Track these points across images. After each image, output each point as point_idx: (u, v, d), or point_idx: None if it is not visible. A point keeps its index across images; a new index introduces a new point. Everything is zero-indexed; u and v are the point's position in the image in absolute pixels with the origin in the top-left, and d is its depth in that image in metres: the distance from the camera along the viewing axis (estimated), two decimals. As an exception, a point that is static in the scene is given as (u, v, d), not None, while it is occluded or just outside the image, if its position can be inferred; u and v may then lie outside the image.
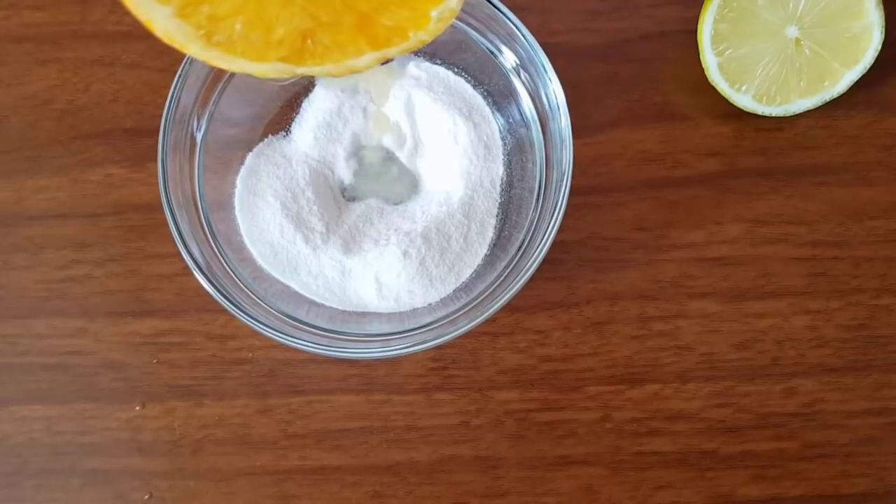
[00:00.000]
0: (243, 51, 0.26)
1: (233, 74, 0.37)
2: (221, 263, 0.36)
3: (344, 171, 0.39)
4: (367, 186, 0.40)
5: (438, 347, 0.39)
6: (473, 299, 0.36)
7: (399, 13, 0.28)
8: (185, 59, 0.35)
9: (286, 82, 0.39)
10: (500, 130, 0.39)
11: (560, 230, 0.34)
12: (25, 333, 0.41)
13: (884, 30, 0.40)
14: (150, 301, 0.41)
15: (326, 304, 0.37)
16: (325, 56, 0.27)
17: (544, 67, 0.35)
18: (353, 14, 0.27)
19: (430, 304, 0.37)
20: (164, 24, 0.25)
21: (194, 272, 0.34)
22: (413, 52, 0.39)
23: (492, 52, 0.38)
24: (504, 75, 0.38)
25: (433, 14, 0.28)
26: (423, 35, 0.28)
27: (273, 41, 0.27)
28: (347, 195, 0.39)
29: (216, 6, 0.26)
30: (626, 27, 0.44)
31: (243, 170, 0.38)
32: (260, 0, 0.26)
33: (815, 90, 0.42)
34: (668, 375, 0.41)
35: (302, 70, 0.27)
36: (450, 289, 0.38)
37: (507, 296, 0.34)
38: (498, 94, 0.39)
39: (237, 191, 0.38)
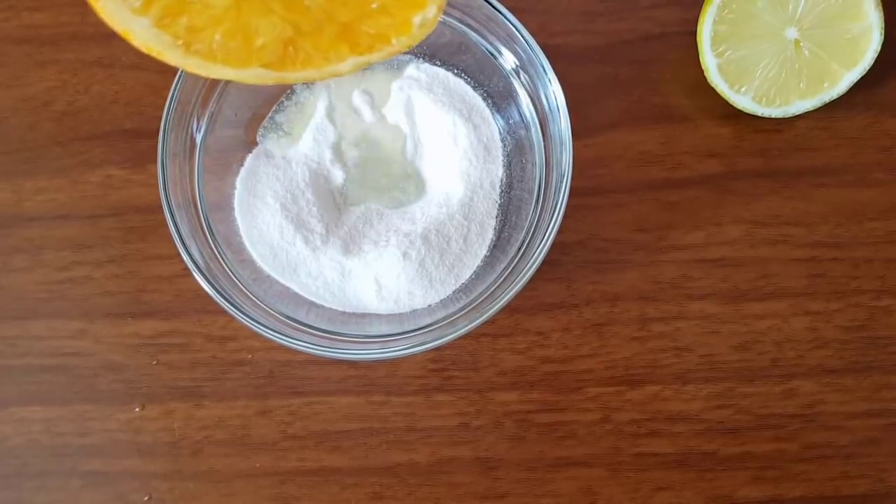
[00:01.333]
0: (224, 58, 0.26)
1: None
2: (221, 265, 0.36)
3: (343, 173, 0.39)
4: (366, 188, 0.39)
5: (438, 349, 0.39)
6: (473, 300, 0.36)
7: (380, 21, 0.27)
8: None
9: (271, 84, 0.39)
10: (499, 132, 0.39)
11: (560, 231, 0.34)
12: (25, 335, 0.41)
13: (883, 31, 0.40)
14: (150, 302, 0.41)
15: (326, 305, 0.37)
16: (307, 62, 0.27)
17: (544, 69, 0.35)
18: (334, 24, 0.27)
19: (429, 306, 0.37)
20: (142, 34, 0.25)
21: (194, 273, 0.34)
22: (411, 54, 0.40)
23: (492, 54, 0.38)
24: (504, 77, 0.38)
25: (415, 21, 0.28)
26: (406, 40, 0.28)
27: (254, 49, 0.26)
28: (347, 198, 0.39)
29: (195, 17, 0.26)
30: (625, 29, 0.44)
31: (243, 171, 0.38)
32: (239, 10, 0.26)
33: (814, 91, 0.42)
34: (667, 377, 0.41)
35: (284, 75, 0.27)
36: (449, 290, 0.38)
37: (507, 297, 0.34)
38: (498, 96, 0.39)
39: (237, 192, 0.38)
